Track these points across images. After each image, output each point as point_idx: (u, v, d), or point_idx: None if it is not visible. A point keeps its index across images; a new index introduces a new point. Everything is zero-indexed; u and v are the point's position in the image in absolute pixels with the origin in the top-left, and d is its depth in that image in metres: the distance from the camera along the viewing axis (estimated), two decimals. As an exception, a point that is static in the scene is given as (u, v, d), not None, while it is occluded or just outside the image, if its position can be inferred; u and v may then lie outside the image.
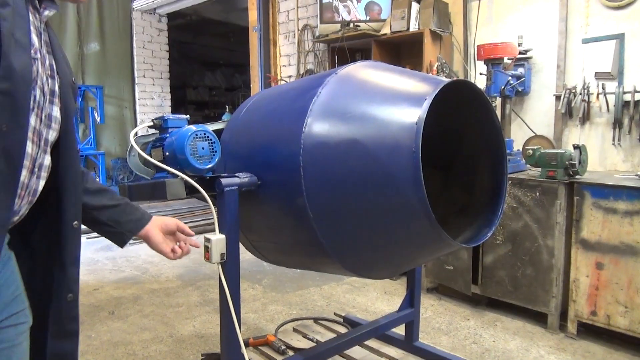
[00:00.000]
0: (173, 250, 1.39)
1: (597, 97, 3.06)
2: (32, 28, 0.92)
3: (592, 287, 2.62)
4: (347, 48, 4.26)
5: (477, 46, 3.31)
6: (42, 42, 0.97)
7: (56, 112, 1.00)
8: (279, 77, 5.38)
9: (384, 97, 1.46)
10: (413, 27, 3.74)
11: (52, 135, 1.00)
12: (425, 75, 1.61)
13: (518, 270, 2.87)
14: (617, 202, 2.49)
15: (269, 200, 1.65)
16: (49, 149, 1.00)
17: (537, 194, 2.77)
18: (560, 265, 2.73)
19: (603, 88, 3.04)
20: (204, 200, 1.54)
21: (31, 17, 0.93)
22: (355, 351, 2.36)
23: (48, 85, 0.98)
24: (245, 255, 1.69)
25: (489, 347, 2.64)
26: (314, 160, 1.47)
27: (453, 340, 2.73)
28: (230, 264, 1.61)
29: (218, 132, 1.87)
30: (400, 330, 2.42)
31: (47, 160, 0.99)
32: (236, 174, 1.63)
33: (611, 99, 3.00)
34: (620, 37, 3.00)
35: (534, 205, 2.78)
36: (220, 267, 1.59)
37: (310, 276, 3.85)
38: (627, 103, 2.94)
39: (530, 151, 2.83)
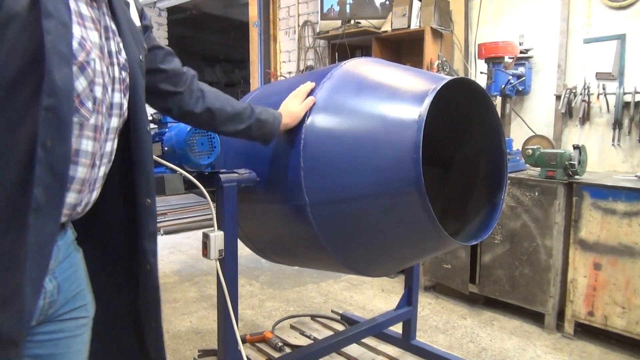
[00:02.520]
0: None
1: (598, 97, 3.06)
2: (88, 24, 0.93)
3: (590, 287, 2.62)
4: (348, 45, 4.25)
5: (478, 45, 3.30)
6: (101, 30, 0.96)
7: (117, 98, 1.00)
8: (278, 73, 5.37)
9: (385, 94, 1.46)
10: (414, 24, 3.73)
11: (115, 122, 1.00)
12: (427, 73, 1.60)
13: (516, 270, 2.87)
14: (616, 202, 2.49)
15: (268, 196, 1.64)
16: (112, 136, 1.01)
17: (536, 193, 2.77)
18: (558, 266, 2.73)
19: (603, 88, 3.04)
20: (203, 195, 1.54)
21: (84, 8, 0.93)
22: (352, 349, 2.36)
23: (109, 75, 0.97)
24: (242, 251, 1.69)
25: (485, 346, 2.65)
26: (314, 156, 1.47)
27: (450, 339, 2.73)
28: (229, 261, 1.60)
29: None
30: (397, 328, 2.42)
31: (109, 146, 1.00)
32: (235, 170, 1.62)
33: (611, 99, 3.00)
34: (621, 38, 2.99)
35: (533, 205, 2.78)
36: (218, 263, 1.59)
37: (308, 273, 3.85)
38: (627, 104, 2.93)
39: (530, 151, 2.83)
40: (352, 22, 4.18)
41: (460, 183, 1.83)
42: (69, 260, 0.99)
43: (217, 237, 1.56)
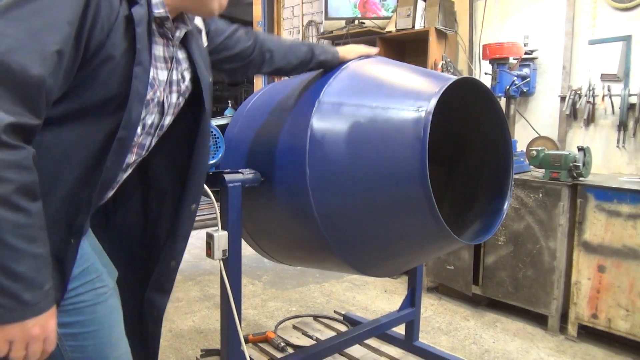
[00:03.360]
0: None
1: (603, 99, 3.04)
2: (159, 64, 1.09)
3: (594, 289, 2.61)
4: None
5: (483, 45, 3.29)
6: (170, 65, 1.13)
7: (168, 120, 1.18)
8: (282, 73, 5.36)
9: (391, 93, 1.45)
10: (418, 25, 3.72)
11: (155, 140, 1.18)
12: (432, 72, 1.60)
13: (519, 272, 2.86)
14: (620, 205, 2.48)
15: (273, 196, 1.64)
16: (144, 152, 1.17)
17: (540, 195, 2.76)
18: (562, 268, 2.72)
19: (608, 90, 3.02)
20: (207, 195, 1.54)
21: (161, 50, 1.09)
22: (354, 350, 2.36)
23: (167, 102, 1.14)
24: (245, 251, 1.69)
25: (488, 348, 2.64)
26: (320, 156, 1.47)
27: (453, 341, 2.72)
28: (232, 261, 1.60)
29: (222, 128, 1.86)
30: (400, 329, 2.42)
31: (130, 158, 1.14)
32: (239, 170, 1.62)
33: (617, 101, 2.98)
34: (627, 39, 2.97)
35: (537, 207, 2.77)
36: (221, 263, 1.59)
37: (310, 273, 3.84)
38: (632, 105, 2.92)
39: (534, 152, 2.82)
40: (356, 22, 4.18)
41: (465, 183, 1.83)
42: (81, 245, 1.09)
43: (221, 237, 1.56)
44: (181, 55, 1.17)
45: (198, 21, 1.28)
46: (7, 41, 0.82)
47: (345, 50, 1.72)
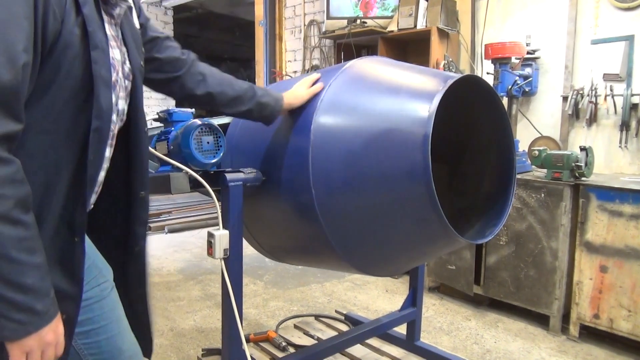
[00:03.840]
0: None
1: (605, 98, 3.04)
2: (112, 43, 1.03)
3: (596, 290, 2.60)
4: (354, 44, 4.24)
5: (485, 45, 3.28)
6: (119, 43, 1.07)
7: (122, 105, 1.10)
8: (284, 73, 5.36)
9: (393, 92, 1.45)
10: (420, 24, 3.72)
11: (118, 127, 1.11)
12: (435, 71, 1.59)
13: (521, 272, 2.86)
14: (622, 205, 2.48)
15: (274, 195, 1.64)
16: (113, 141, 1.11)
17: (542, 195, 2.75)
18: (564, 268, 2.72)
19: (611, 90, 3.02)
20: (208, 195, 1.54)
21: (107, 28, 1.02)
22: (356, 349, 2.36)
23: (122, 87, 1.07)
24: (247, 250, 1.68)
25: (490, 348, 2.63)
26: (323, 155, 1.46)
27: (454, 341, 2.72)
28: (233, 260, 1.60)
29: (223, 127, 1.86)
30: (401, 329, 2.42)
31: (110, 151, 1.10)
32: (241, 169, 1.62)
33: (619, 101, 2.97)
34: (629, 39, 2.97)
35: (539, 207, 2.77)
36: (223, 262, 1.59)
37: (312, 273, 3.84)
38: (635, 105, 2.91)
39: (536, 152, 2.82)
40: (358, 21, 4.17)
41: (467, 182, 1.82)
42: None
43: (222, 237, 1.56)
44: (120, 34, 1.10)
45: None
46: None
47: (289, 97, 1.58)
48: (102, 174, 1.09)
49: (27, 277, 0.83)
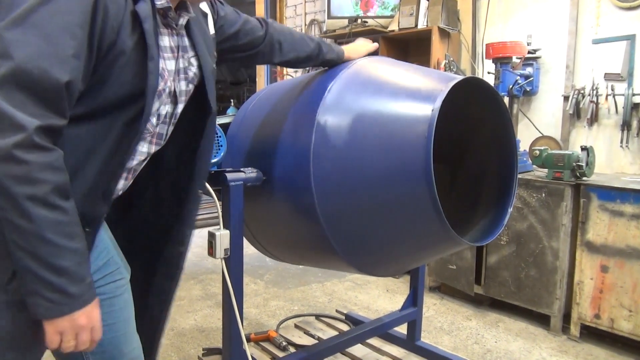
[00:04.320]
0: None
1: (606, 98, 3.03)
2: (167, 55, 1.11)
3: (597, 290, 2.60)
4: (354, 44, 4.23)
5: (486, 45, 3.28)
6: (177, 53, 1.15)
7: (179, 109, 1.19)
8: (285, 72, 5.36)
9: (395, 93, 1.45)
10: (421, 24, 3.72)
11: (171, 128, 1.21)
12: (437, 72, 1.59)
13: (522, 272, 2.86)
14: (623, 205, 2.47)
15: (275, 195, 1.64)
16: (162, 142, 1.20)
17: (543, 195, 2.75)
18: (565, 267, 2.72)
19: (612, 89, 3.01)
20: (209, 194, 1.54)
21: (167, 40, 1.11)
22: (356, 349, 2.35)
23: (172, 94, 1.15)
24: (247, 250, 1.68)
25: (490, 348, 2.63)
26: (324, 155, 1.46)
27: (455, 340, 2.72)
28: (234, 260, 1.60)
29: (224, 126, 1.86)
30: (402, 329, 2.42)
31: (151, 148, 1.17)
32: (242, 169, 1.62)
33: (620, 100, 2.97)
34: (631, 39, 2.96)
35: (540, 207, 2.76)
36: (223, 262, 1.59)
37: (312, 272, 3.84)
38: (636, 105, 2.91)
39: (537, 152, 2.81)
40: (359, 21, 4.17)
41: (469, 184, 1.82)
42: (99, 237, 1.13)
43: (223, 236, 1.56)
44: (186, 42, 1.19)
45: (204, 5, 1.29)
46: (27, 49, 0.85)
47: (350, 50, 1.75)
48: (134, 163, 1.14)
49: (63, 259, 0.88)
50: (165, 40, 1.11)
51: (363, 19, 4.17)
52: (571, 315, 2.72)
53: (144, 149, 1.15)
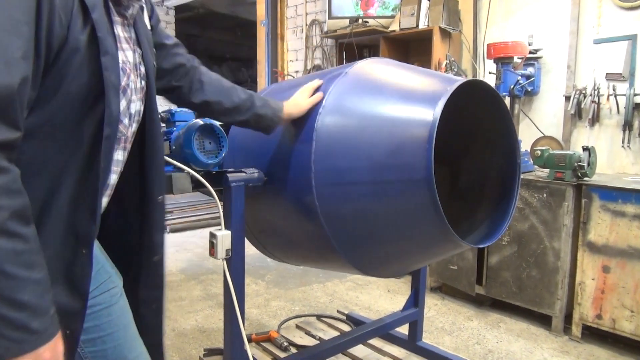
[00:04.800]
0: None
1: (608, 98, 3.03)
2: (124, 45, 1.01)
3: (598, 290, 2.59)
4: (355, 44, 4.23)
5: (487, 45, 3.28)
6: (132, 44, 1.04)
7: (139, 106, 1.08)
8: (285, 72, 5.36)
9: (396, 95, 1.45)
10: (422, 24, 3.71)
11: (134, 129, 1.10)
12: (438, 74, 1.59)
13: (523, 272, 2.85)
14: (625, 205, 2.47)
15: (277, 196, 1.64)
16: (129, 144, 1.10)
17: (545, 195, 2.75)
18: (566, 268, 2.71)
19: (614, 89, 3.01)
20: (210, 195, 1.53)
21: (120, 30, 1.01)
22: (358, 349, 2.35)
23: (137, 91, 1.06)
24: (249, 250, 1.68)
25: (492, 348, 2.63)
26: (325, 156, 1.46)
27: (456, 341, 2.72)
28: (235, 260, 1.60)
29: (225, 127, 1.86)
30: (403, 329, 2.41)
31: (123, 155, 1.09)
32: (243, 170, 1.62)
33: (622, 100, 2.97)
34: (632, 38, 2.96)
35: (541, 207, 2.76)
36: (225, 262, 1.58)
37: (314, 273, 3.84)
38: (637, 105, 2.91)
39: (539, 152, 2.81)
40: (360, 21, 4.17)
41: (470, 185, 1.82)
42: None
43: (225, 237, 1.56)
44: (134, 35, 1.08)
45: None
46: None
47: (290, 106, 1.58)
48: (114, 177, 1.06)
49: (23, 293, 0.78)
50: (120, 30, 1.01)
51: (364, 19, 4.17)
52: (573, 316, 2.72)
53: (120, 157, 1.07)
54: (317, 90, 1.62)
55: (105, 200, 1.07)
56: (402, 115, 1.39)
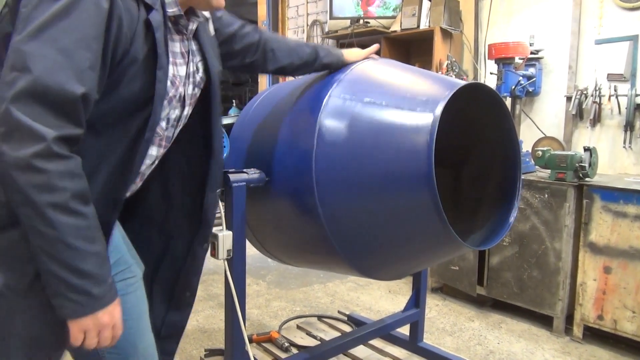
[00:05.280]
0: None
1: (609, 99, 3.03)
2: (179, 60, 1.14)
3: (599, 291, 2.59)
4: (357, 44, 4.23)
5: (488, 45, 3.27)
6: (187, 58, 1.18)
7: (187, 111, 1.23)
8: (286, 73, 5.35)
9: (398, 96, 1.45)
10: (423, 24, 3.71)
11: (176, 132, 1.24)
12: (440, 76, 1.59)
13: (524, 273, 2.85)
14: (627, 205, 2.47)
15: (278, 196, 1.64)
16: (169, 144, 1.24)
17: (546, 195, 2.74)
18: (568, 269, 2.71)
19: (615, 90, 3.00)
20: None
21: (178, 46, 1.15)
22: (359, 350, 2.35)
23: (180, 99, 1.18)
24: (249, 250, 1.68)
25: (493, 349, 2.63)
26: (326, 158, 1.46)
27: (457, 341, 2.71)
28: (237, 261, 1.60)
29: (227, 127, 1.86)
30: (404, 330, 2.41)
31: (158, 151, 1.21)
32: (244, 170, 1.62)
33: (623, 101, 2.96)
34: (633, 39, 2.96)
35: (542, 207, 2.76)
36: (226, 263, 1.58)
37: (314, 273, 3.84)
38: (639, 106, 2.90)
39: (540, 152, 2.81)
40: (361, 21, 4.17)
41: (472, 187, 1.82)
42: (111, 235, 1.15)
43: (226, 237, 1.56)
44: (194, 46, 1.21)
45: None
46: (44, 62, 0.87)
47: (349, 53, 1.72)
48: (142, 168, 1.16)
49: (85, 263, 0.91)
50: (177, 47, 1.14)
51: (365, 20, 4.17)
52: (574, 317, 2.71)
53: (153, 152, 1.18)
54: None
55: (132, 187, 1.18)
56: (403, 117, 1.39)
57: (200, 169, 1.32)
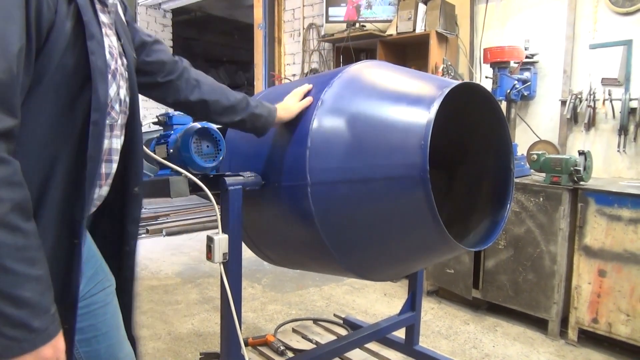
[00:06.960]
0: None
1: (603, 103, 3.05)
2: (108, 31, 1.00)
3: (594, 294, 2.60)
4: (352, 48, 4.24)
5: (484, 49, 3.29)
6: (114, 31, 1.03)
7: (124, 95, 1.06)
8: (283, 76, 5.36)
9: (392, 98, 1.45)
10: (419, 28, 3.73)
11: (124, 118, 1.08)
12: (434, 77, 1.59)
13: (519, 276, 2.86)
14: (621, 209, 2.48)
15: (273, 199, 1.63)
16: (122, 132, 1.08)
17: (541, 199, 2.76)
18: (563, 272, 2.72)
19: (609, 94, 3.03)
20: (208, 198, 1.53)
21: (103, 17, 0.99)
22: (354, 354, 2.35)
23: (123, 77, 1.04)
24: (245, 253, 1.68)
25: (488, 352, 2.63)
26: (321, 160, 1.46)
27: (453, 345, 2.72)
28: (232, 264, 1.59)
29: (223, 130, 1.85)
30: (400, 333, 2.41)
31: (119, 143, 1.07)
32: (240, 173, 1.61)
33: (617, 105, 2.98)
34: (628, 44, 2.98)
35: (537, 211, 2.77)
36: (222, 266, 1.58)
37: (310, 276, 3.83)
38: (633, 110, 2.92)
39: (535, 156, 2.82)
40: (358, 25, 4.18)
41: (465, 189, 1.82)
42: (86, 245, 1.05)
43: (222, 240, 1.55)
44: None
45: None
46: None
47: (281, 110, 1.57)
48: (113, 166, 1.05)
49: (24, 290, 0.76)
50: (102, 16, 0.99)
51: (361, 23, 4.18)
52: (569, 320, 2.72)
53: (116, 146, 1.05)
54: (307, 94, 1.63)
55: (105, 190, 1.06)
56: (397, 117, 1.39)
57: (120, 166, 1.14)
